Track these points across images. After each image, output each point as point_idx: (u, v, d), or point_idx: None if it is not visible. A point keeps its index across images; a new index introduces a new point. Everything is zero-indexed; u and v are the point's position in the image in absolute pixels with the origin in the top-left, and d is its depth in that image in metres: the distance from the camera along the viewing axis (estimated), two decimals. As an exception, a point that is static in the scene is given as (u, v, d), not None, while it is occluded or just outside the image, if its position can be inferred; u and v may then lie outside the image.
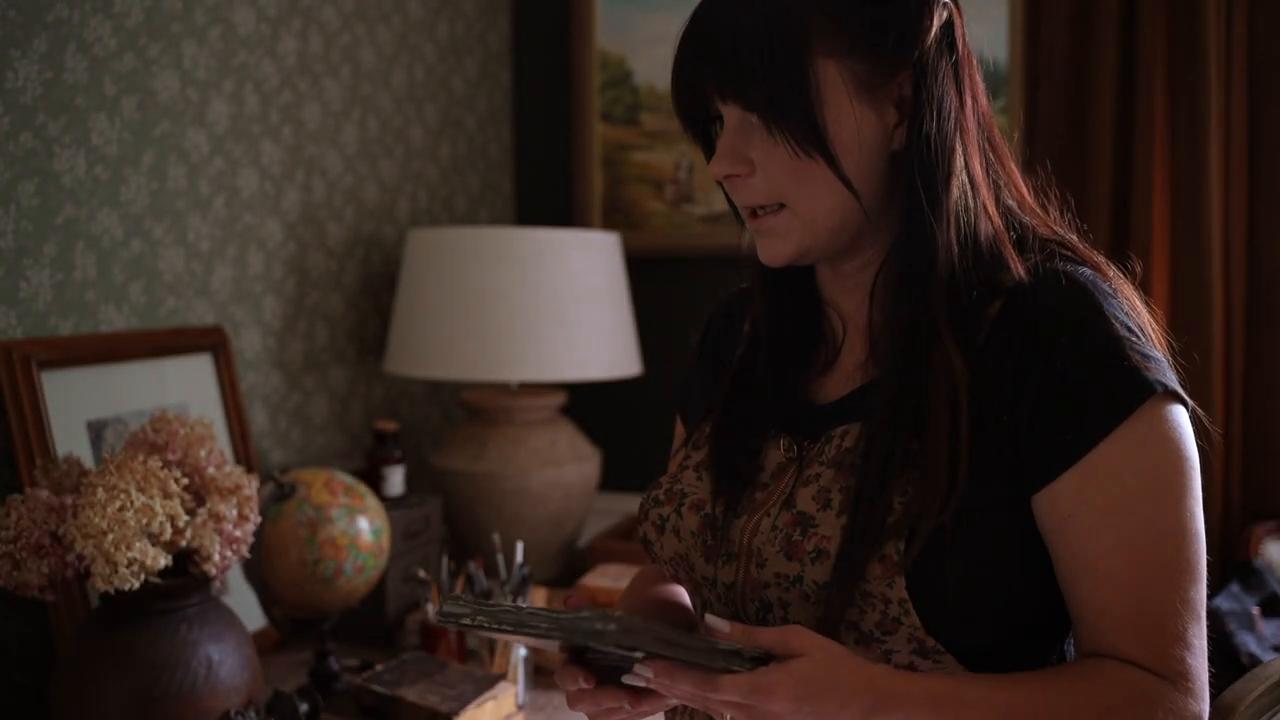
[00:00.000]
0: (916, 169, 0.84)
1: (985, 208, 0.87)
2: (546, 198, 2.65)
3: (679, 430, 1.14)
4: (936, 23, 0.84)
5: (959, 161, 0.85)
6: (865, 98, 0.84)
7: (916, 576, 0.80)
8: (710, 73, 0.85)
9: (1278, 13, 2.04)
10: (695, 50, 0.86)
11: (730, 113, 0.87)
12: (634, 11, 2.50)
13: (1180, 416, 0.81)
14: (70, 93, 1.46)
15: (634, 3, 2.49)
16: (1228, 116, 2.06)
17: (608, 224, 2.54)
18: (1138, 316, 0.84)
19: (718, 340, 1.09)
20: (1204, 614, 0.80)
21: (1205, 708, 0.78)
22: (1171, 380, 0.81)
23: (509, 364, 1.89)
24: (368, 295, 2.13)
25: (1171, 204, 2.10)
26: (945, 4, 0.85)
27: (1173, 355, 0.86)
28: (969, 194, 0.86)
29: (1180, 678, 0.78)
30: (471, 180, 2.50)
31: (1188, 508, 0.79)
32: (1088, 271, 0.86)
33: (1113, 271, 0.88)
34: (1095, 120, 2.13)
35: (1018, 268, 0.85)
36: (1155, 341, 0.85)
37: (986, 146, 0.89)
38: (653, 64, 2.49)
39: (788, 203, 0.86)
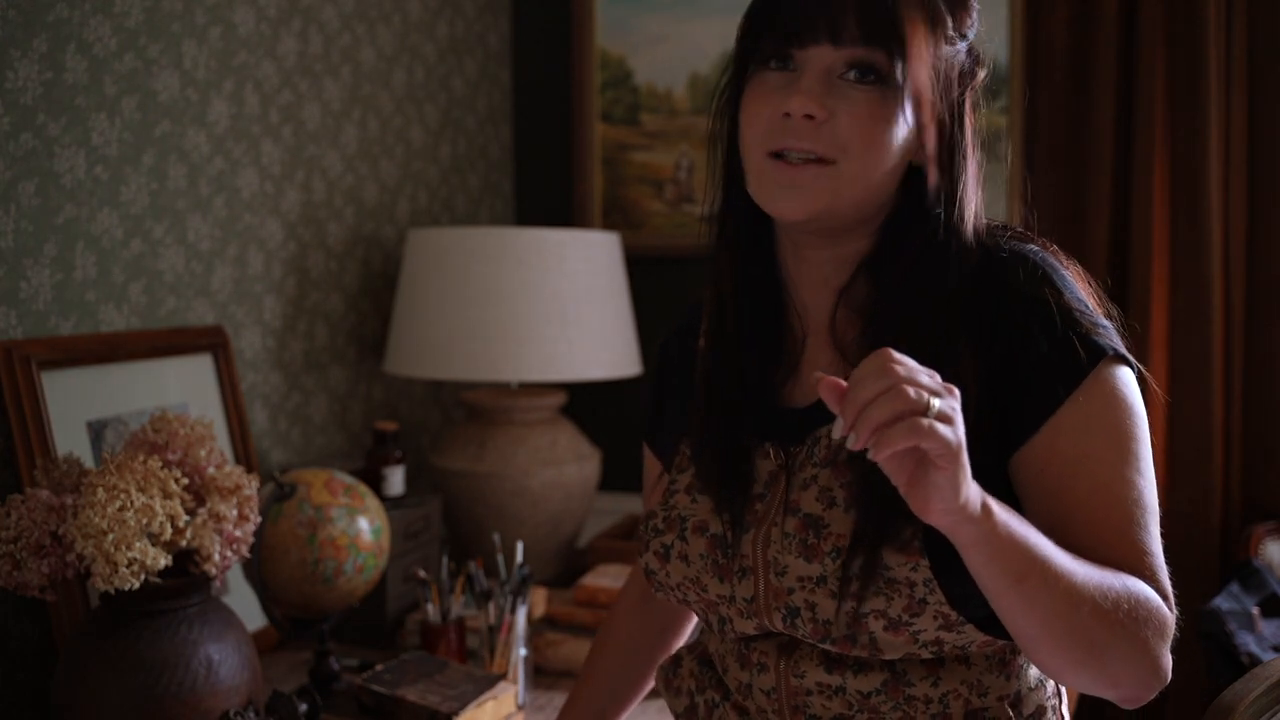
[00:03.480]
0: (944, 185, 0.90)
1: (977, 214, 0.93)
2: (546, 198, 2.65)
3: (648, 459, 1.16)
4: (984, 73, 0.94)
5: (973, 180, 0.92)
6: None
7: (936, 556, 0.84)
8: (867, 13, 0.86)
9: (1277, 13, 2.04)
10: None
11: (822, 57, 0.87)
12: (634, 11, 2.50)
13: (1129, 376, 0.88)
14: (70, 93, 1.46)
15: (634, 3, 2.49)
16: (1228, 116, 2.06)
17: (608, 224, 2.54)
18: (1082, 288, 0.91)
19: (675, 364, 1.10)
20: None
21: (1175, 618, 0.85)
22: (1119, 345, 0.88)
23: (509, 364, 1.89)
24: (368, 295, 2.13)
25: (1171, 204, 2.10)
26: (991, 61, 0.96)
27: (1115, 323, 0.93)
28: (980, 210, 0.93)
29: (1166, 598, 0.85)
30: (471, 180, 2.50)
31: (1144, 455, 0.87)
32: (1036, 249, 0.92)
33: (1054, 249, 0.95)
34: (1095, 120, 2.13)
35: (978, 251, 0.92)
36: (1101, 311, 0.91)
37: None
38: (653, 64, 2.49)
39: (842, 160, 0.87)
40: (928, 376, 0.72)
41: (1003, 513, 0.77)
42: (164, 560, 1.14)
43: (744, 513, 0.93)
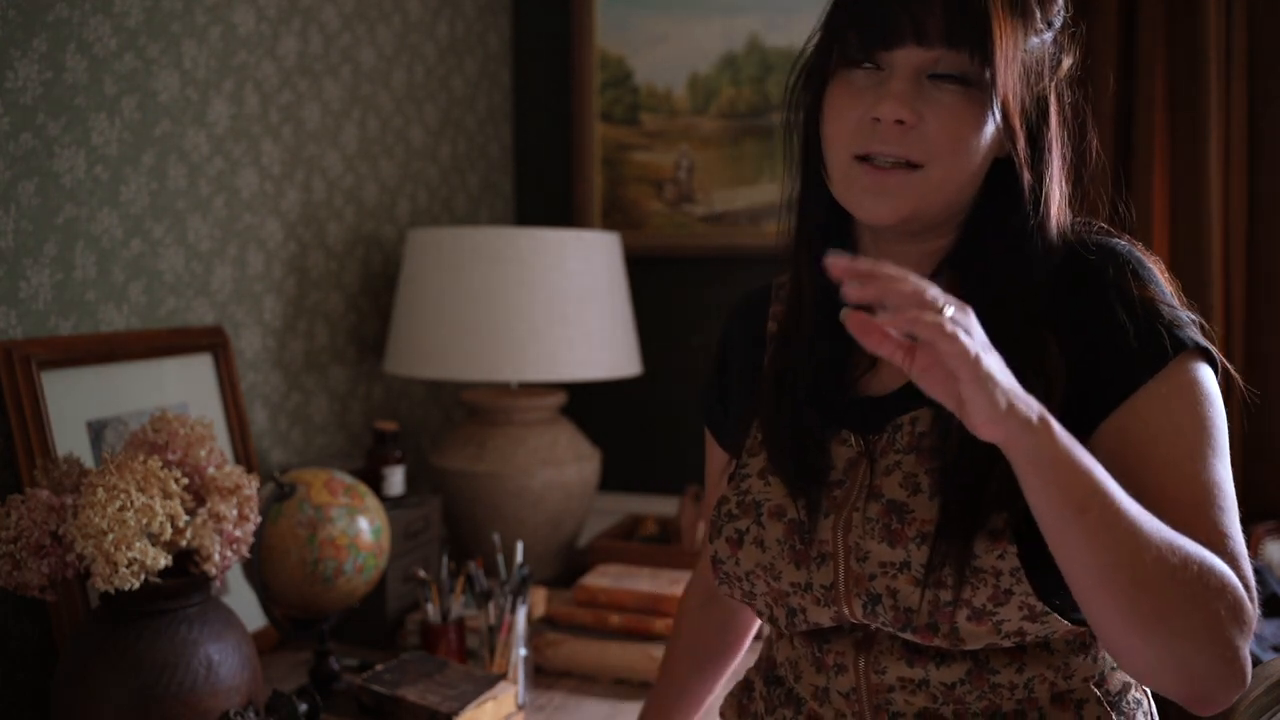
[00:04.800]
0: (1028, 181, 0.90)
1: (1063, 209, 0.94)
2: (546, 198, 2.65)
3: (710, 445, 1.15)
4: (1070, 60, 0.93)
5: (1057, 174, 0.92)
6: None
7: (1024, 543, 0.83)
8: (953, 15, 0.85)
9: (1277, 13, 2.04)
10: None
11: (910, 59, 0.87)
12: (634, 11, 2.50)
13: (1210, 374, 0.87)
14: (70, 93, 1.46)
15: (634, 3, 2.49)
16: (1228, 116, 2.06)
17: (608, 224, 2.54)
18: (1167, 285, 0.91)
19: (738, 345, 1.09)
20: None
21: (1257, 615, 0.80)
22: (1203, 340, 0.87)
23: (509, 364, 1.89)
24: (368, 295, 2.13)
25: (1171, 204, 2.10)
26: (1079, 45, 0.95)
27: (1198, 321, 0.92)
28: (1064, 204, 0.94)
29: (1248, 588, 0.80)
30: (471, 180, 2.50)
31: (1224, 446, 0.85)
32: (1124, 244, 0.92)
33: (1139, 245, 0.95)
34: (1096, 120, 2.12)
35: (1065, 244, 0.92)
36: (1184, 307, 0.91)
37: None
38: (653, 64, 2.49)
39: (929, 164, 0.87)
40: (940, 291, 0.72)
41: (1065, 435, 0.74)
42: (164, 560, 1.14)
43: (821, 498, 0.93)
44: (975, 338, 0.71)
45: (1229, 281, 2.08)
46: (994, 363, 0.71)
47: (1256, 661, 1.77)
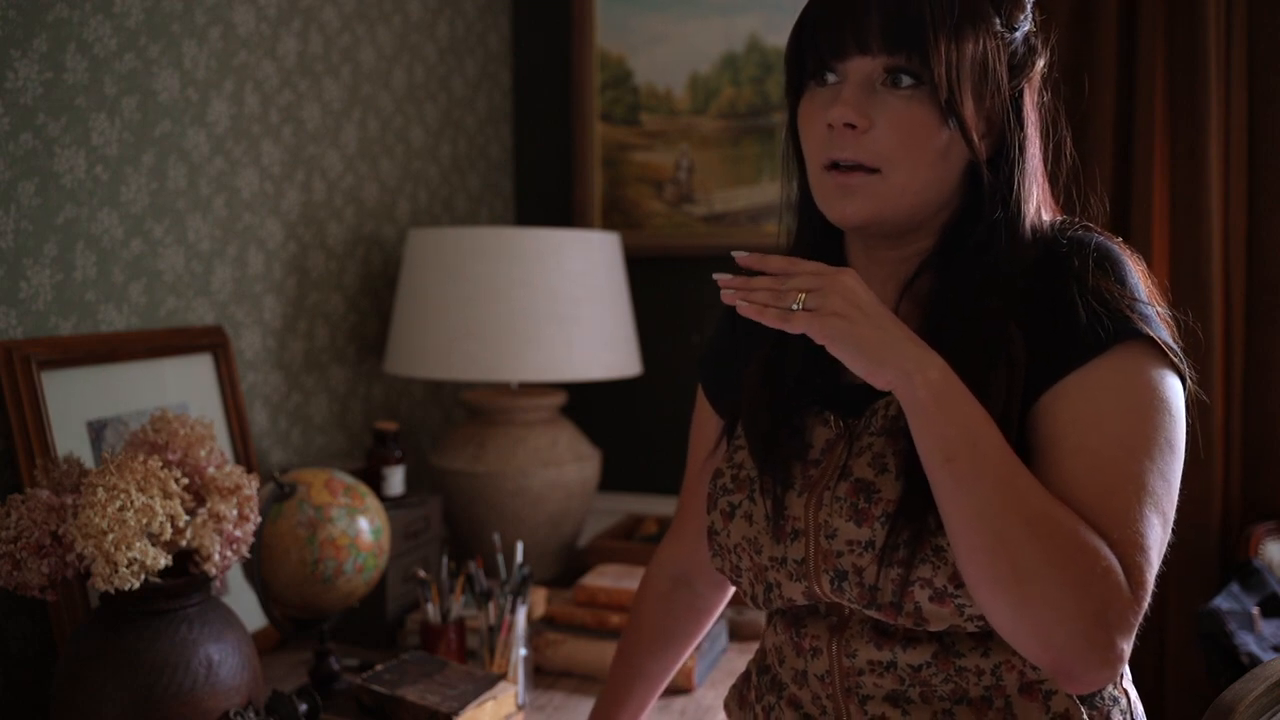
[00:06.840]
0: (1002, 183, 0.93)
1: (1040, 212, 0.95)
2: (546, 198, 2.65)
3: (700, 409, 1.19)
4: (1042, 61, 0.96)
5: (1031, 174, 0.94)
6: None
7: None
8: (889, 21, 0.88)
9: (1277, 13, 2.04)
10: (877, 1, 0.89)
11: (860, 68, 0.90)
12: (634, 11, 2.50)
13: (1166, 374, 0.86)
14: (70, 93, 1.46)
15: (634, 3, 2.49)
16: (1228, 116, 2.06)
17: (608, 224, 2.54)
18: (1141, 282, 0.91)
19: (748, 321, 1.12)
20: (1163, 541, 0.83)
21: (1141, 611, 0.81)
22: (1161, 334, 0.87)
23: (509, 364, 1.89)
24: (368, 295, 2.13)
25: (1171, 204, 2.10)
26: (1052, 47, 0.97)
27: (1175, 327, 0.91)
28: (1040, 207, 0.95)
29: (1137, 587, 0.80)
30: (471, 180, 2.50)
31: (1159, 444, 0.84)
32: (1099, 238, 0.93)
33: (1119, 241, 0.95)
34: (1095, 120, 2.13)
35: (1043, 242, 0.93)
36: (1159, 304, 0.91)
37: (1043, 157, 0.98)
38: (653, 64, 2.49)
39: (886, 168, 0.90)
40: (812, 272, 0.82)
41: (951, 389, 0.81)
42: (164, 560, 1.14)
43: (792, 476, 0.96)
44: (824, 313, 0.80)
45: (1229, 281, 2.08)
46: (862, 329, 0.80)
47: (1256, 661, 1.77)
